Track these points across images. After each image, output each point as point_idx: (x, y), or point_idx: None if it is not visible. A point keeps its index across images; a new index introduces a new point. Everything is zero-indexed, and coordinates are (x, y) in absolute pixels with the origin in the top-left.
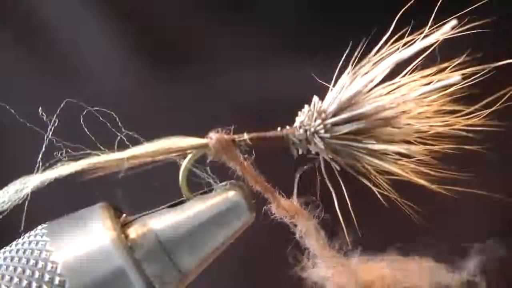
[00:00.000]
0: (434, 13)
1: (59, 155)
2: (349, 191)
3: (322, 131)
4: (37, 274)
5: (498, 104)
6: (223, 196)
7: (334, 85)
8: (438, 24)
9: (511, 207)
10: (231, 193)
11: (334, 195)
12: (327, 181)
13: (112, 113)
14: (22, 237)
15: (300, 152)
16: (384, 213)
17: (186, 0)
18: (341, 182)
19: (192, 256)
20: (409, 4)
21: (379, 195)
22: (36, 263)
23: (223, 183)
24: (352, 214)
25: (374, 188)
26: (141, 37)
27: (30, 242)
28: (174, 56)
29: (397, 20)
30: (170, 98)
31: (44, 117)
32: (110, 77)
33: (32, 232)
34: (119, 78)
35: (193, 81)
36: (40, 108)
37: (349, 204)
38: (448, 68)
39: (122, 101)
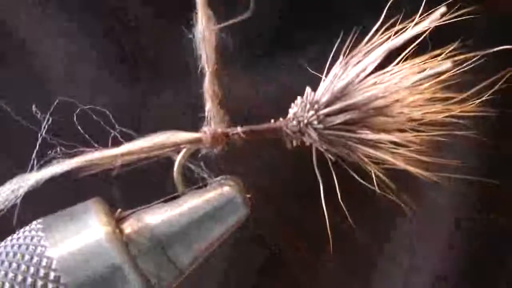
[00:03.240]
0: (424, 1)
1: (53, 153)
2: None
3: (316, 122)
4: (32, 269)
5: (490, 91)
6: (218, 191)
7: (326, 76)
8: (428, 12)
9: None
10: (226, 188)
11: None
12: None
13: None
14: (17, 232)
15: (294, 144)
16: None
17: None
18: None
19: (187, 251)
20: None
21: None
22: (31, 258)
23: (218, 178)
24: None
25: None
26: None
27: (25, 237)
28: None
29: (387, 9)
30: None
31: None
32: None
33: (27, 227)
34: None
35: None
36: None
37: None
38: (440, 56)
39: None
